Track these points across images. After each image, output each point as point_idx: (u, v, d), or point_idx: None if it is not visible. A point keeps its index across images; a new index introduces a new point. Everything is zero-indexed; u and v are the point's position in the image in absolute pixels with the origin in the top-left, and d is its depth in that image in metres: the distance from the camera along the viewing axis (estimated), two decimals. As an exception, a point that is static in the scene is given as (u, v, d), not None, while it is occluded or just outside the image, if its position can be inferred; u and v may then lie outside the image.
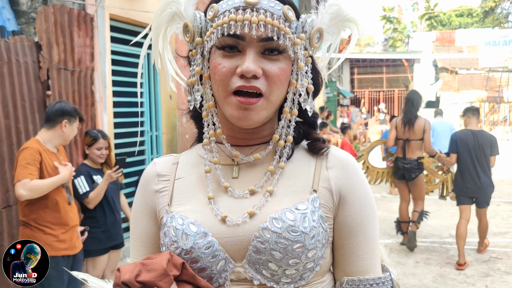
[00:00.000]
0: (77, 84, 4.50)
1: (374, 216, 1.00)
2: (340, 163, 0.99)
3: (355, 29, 1.00)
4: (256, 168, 1.00)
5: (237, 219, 0.92)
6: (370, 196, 1.00)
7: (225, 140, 0.99)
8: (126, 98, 5.41)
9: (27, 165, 2.90)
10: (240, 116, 0.91)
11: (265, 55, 0.91)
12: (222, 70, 0.91)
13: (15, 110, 3.86)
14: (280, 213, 0.90)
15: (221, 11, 0.92)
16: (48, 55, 4.19)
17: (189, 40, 0.97)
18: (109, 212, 3.71)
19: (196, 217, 0.94)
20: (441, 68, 20.82)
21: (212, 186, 0.98)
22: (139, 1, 5.32)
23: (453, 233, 6.31)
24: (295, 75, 0.95)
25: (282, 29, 0.90)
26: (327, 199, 0.95)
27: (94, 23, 4.68)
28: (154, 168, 1.07)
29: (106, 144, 3.70)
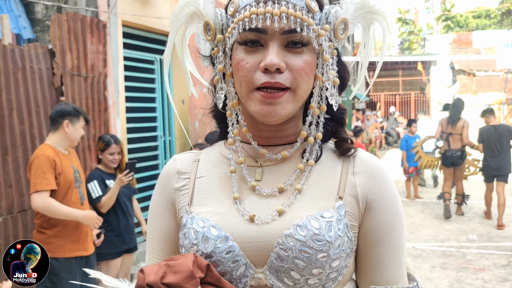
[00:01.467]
0: (90, 90, 4.56)
1: (402, 224, 0.96)
2: (367, 168, 0.95)
3: (384, 23, 0.95)
4: (281, 168, 0.96)
5: (266, 217, 0.89)
6: (398, 204, 0.96)
7: (252, 138, 0.96)
8: (139, 103, 5.46)
9: (43, 174, 2.94)
10: (264, 112, 0.88)
11: (289, 48, 0.88)
12: (246, 66, 0.88)
13: (30, 116, 3.92)
14: (305, 221, 0.87)
15: (241, 5, 0.90)
16: (61, 62, 4.25)
17: (211, 38, 0.95)
18: (122, 216, 3.74)
19: (218, 219, 0.91)
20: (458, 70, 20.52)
21: (238, 186, 0.95)
22: (152, 7, 5.37)
23: (471, 237, 6.22)
24: (321, 68, 0.92)
25: (305, 20, 0.87)
26: (353, 207, 0.92)
27: (107, 29, 4.73)
28: (174, 165, 1.04)
29: (118, 149, 3.74)
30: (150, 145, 5.66)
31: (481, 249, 5.81)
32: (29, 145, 3.89)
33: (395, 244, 0.94)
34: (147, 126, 5.63)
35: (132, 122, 5.31)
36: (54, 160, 3.01)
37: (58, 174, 3.03)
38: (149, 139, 5.67)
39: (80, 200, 3.22)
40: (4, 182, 3.69)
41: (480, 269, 5.11)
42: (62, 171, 3.06)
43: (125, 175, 3.54)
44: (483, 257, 5.52)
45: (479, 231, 6.61)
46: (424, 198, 8.98)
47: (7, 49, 3.76)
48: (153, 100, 5.69)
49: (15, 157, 3.78)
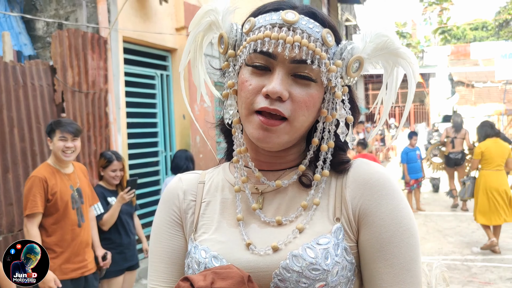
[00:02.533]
0: (91, 106, 4.55)
1: (404, 239, 0.85)
2: (360, 178, 0.89)
3: (409, 69, 0.91)
4: (282, 196, 0.93)
5: (260, 249, 0.87)
6: (400, 215, 0.86)
7: (249, 159, 0.94)
8: (140, 119, 5.45)
9: (32, 196, 2.93)
10: (260, 137, 0.86)
11: (297, 78, 0.86)
12: (249, 88, 0.87)
13: (31, 133, 3.91)
14: (301, 250, 0.83)
15: (257, 25, 0.88)
16: (62, 78, 4.25)
17: (223, 52, 0.93)
18: (124, 233, 3.71)
19: (220, 248, 0.89)
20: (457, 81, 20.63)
21: (241, 206, 0.93)
22: (152, 23, 5.39)
23: (475, 250, 6.17)
24: (328, 103, 0.89)
25: (317, 53, 0.84)
26: (348, 226, 0.87)
27: (108, 45, 4.74)
28: (180, 184, 1.02)
29: (120, 166, 3.72)
30: (151, 160, 5.64)
31: (486, 262, 5.75)
32: (30, 162, 3.86)
33: (392, 262, 0.85)
34: (148, 142, 5.61)
35: (133, 138, 5.29)
36: (46, 181, 2.97)
37: (51, 195, 3.00)
38: (150, 154, 5.64)
39: (78, 222, 3.15)
40: (5, 200, 3.66)
41: (485, 282, 5.05)
42: (56, 192, 3.01)
43: (126, 192, 3.51)
44: (488, 270, 5.47)
45: (483, 244, 6.56)
46: (427, 210, 8.94)
47: (8, 66, 3.76)
48: (154, 116, 5.68)
49: (16, 174, 3.75)
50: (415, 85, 0.93)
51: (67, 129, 3.06)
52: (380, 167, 0.92)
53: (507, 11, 25.70)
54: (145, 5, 5.28)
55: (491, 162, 6.09)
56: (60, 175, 3.08)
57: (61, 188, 3.05)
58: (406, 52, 0.91)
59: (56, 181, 3.03)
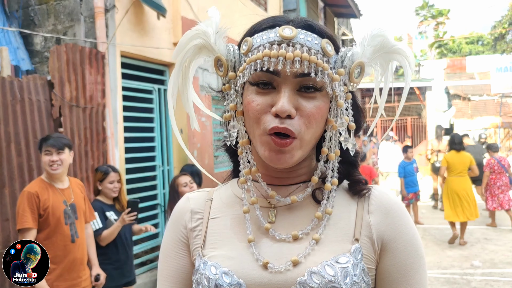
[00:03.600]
0: (89, 120, 4.55)
1: (421, 265, 0.91)
2: (383, 206, 0.92)
3: (405, 62, 0.94)
4: (295, 211, 0.93)
5: (279, 266, 0.86)
6: (417, 243, 0.92)
7: (261, 179, 0.94)
8: (138, 133, 5.44)
9: (23, 211, 2.93)
10: (273, 158, 0.86)
11: (301, 92, 0.86)
12: (256, 108, 0.87)
13: (28, 148, 3.89)
14: (320, 267, 0.84)
15: (255, 45, 0.88)
16: (60, 93, 4.25)
17: (223, 74, 0.93)
18: (121, 248, 3.68)
19: (230, 264, 0.88)
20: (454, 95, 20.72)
21: (251, 227, 0.92)
22: (150, 37, 5.41)
23: (476, 263, 6.14)
24: (334, 112, 0.90)
25: (320, 65, 0.85)
26: (369, 249, 0.89)
27: (106, 60, 4.75)
28: (188, 204, 1.02)
29: (117, 177, 3.72)
30: (148, 175, 5.61)
31: (485, 276, 5.72)
32: (26, 177, 3.84)
33: (414, 286, 0.90)
34: (145, 156, 5.59)
35: (131, 152, 5.28)
36: (38, 196, 2.96)
37: (42, 210, 2.98)
38: (147, 169, 5.62)
39: (71, 238, 3.12)
40: (1, 216, 3.63)
41: (485, 297, 5.01)
42: (48, 207, 3.00)
43: (127, 213, 3.50)
44: (488, 284, 5.43)
45: (482, 257, 6.53)
46: (425, 224, 8.91)
47: (5, 81, 3.76)
48: (152, 130, 5.67)
49: (12, 189, 3.73)
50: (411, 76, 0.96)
51: (51, 143, 3.09)
52: (396, 197, 0.97)
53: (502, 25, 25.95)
54: (143, 20, 5.31)
55: (454, 170, 7.41)
56: (53, 190, 3.07)
57: (53, 203, 3.03)
58: (402, 47, 0.93)
59: (49, 196, 3.01)
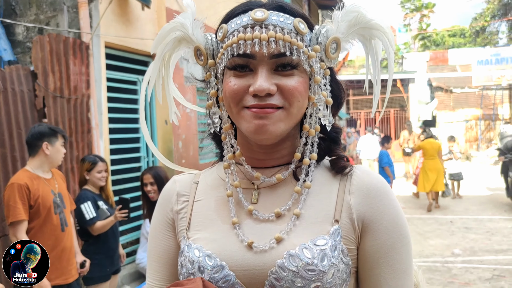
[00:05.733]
0: (73, 111, 4.52)
1: (404, 245, 0.91)
2: (365, 186, 0.92)
3: (384, 38, 0.93)
4: (277, 191, 0.94)
5: (264, 244, 0.87)
6: (400, 223, 0.92)
7: (245, 162, 0.95)
8: (122, 124, 5.42)
9: (14, 203, 2.89)
10: (256, 127, 0.86)
11: (279, 71, 0.87)
12: (234, 88, 0.88)
13: (11, 139, 3.86)
14: (298, 250, 0.85)
15: (230, 31, 0.89)
16: (44, 84, 4.21)
17: (203, 63, 0.95)
18: (112, 237, 3.71)
19: (214, 247, 0.90)
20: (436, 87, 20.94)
21: (235, 210, 0.93)
22: (134, 28, 5.38)
23: (456, 251, 6.28)
24: (313, 89, 0.91)
25: (294, 43, 0.86)
26: (349, 230, 0.89)
27: (90, 51, 4.72)
28: (174, 186, 1.04)
29: (105, 167, 3.73)
30: (133, 166, 5.61)
31: (465, 264, 5.87)
32: (10, 168, 3.81)
33: (396, 267, 0.90)
34: (130, 147, 5.58)
35: (116, 143, 5.26)
36: (27, 187, 2.94)
37: (33, 201, 2.97)
38: (132, 160, 5.61)
39: (61, 227, 3.12)
40: (-15, 207, 3.60)
41: (465, 283, 5.15)
42: (38, 197, 2.98)
43: (118, 210, 3.52)
44: (468, 271, 5.57)
45: (462, 245, 6.68)
46: (408, 214, 9.06)
47: (-12, 72, 3.72)
48: (136, 121, 5.65)
49: (-4, 180, 3.70)
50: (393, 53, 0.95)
51: (65, 136, 3.22)
52: (380, 177, 0.96)
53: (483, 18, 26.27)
54: (127, 10, 5.27)
55: (427, 154, 9.59)
56: (40, 180, 3.05)
57: (43, 193, 3.02)
58: (379, 23, 0.92)
59: (38, 187, 3.00)
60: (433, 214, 9.07)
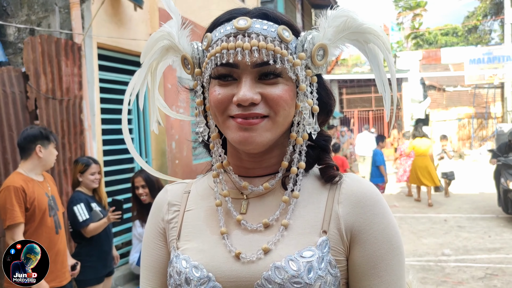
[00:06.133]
0: (66, 113, 4.49)
1: (395, 256, 0.88)
2: (354, 195, 0.90)
3: (379, 42, 0.91)
4: (266, 201, 0.93)
5: (251, 255, 0.86)
6: (391, 233, 0.89)
7: (232, 172, 0.94)
8: (115, 125, 5.40)
9: (11, 206, 2.87)
10: (241, 139, 0.85)
11: (262, 80, 0.86)
12: (218, 97, 0.87)
13: (3, 141, 3.83)
14: (284, 262, 0.83)
15: (214, 39, 0.89)
16: (35, 85, 4.18)
17: (190, 72, 0.94)
18: (105, 239, 3.69)
19: (201, 257, 0.89)
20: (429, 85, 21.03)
21: (224, 220, 0.92)
22: (127, 29, 5.36)
23: (446, 252, 6.32)
24: (300, 96, 0.89)
25: (277, 51, 0.84)
26: (337, 241, 0.87)
27: (82, 52, 4.69)
28: (165, 196, 1.04)
29: (98, 169, 3.71)
30: (126, 167, 5.59)
31: (458, 263, 5.90)
32: (2, 170, 3.79)
33: (386, 279, 0.88)
34: (123, 148, 5.55)
35: (108, 144, 5.24)
36: (23, 190, 2.92)
37: (29, 203, 2.95)
38: (125, 161, 5.60)
39: (55, 229, 3.12)
40: (-24, 210, 3.57)
41: (458, 282, 5.17)
42: (34, 199, 2.97)
43: (111, 212, 3.51)
44: (461, 270, 5.60)
45: (455, 244, 6.72)
46: (401, 213, 9.10)
47: (-21, 73, 3.69)
48: (129, 122, 5.63)
49: (-13, 183, 3.67)
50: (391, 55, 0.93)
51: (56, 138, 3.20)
52: (371, 185, 0.93)
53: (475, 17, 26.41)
54: (120, 11, 5.25)
55: (418, 152, 10.04)
56: (34, 183, 3.04)
57: (38, 196, 3.01)
58: (371, 26, 0.90)
59: (33, 189, 2.99)
60: (427, 213, 9.11)
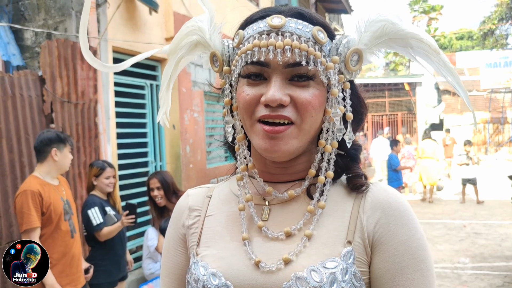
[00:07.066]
0: (81, 116, 4.52)
1: (418, 271, 0.82)
2: (379, 204, 0.86)
3: (424, 45, 0.87)
4: (289, 208, 0.89)
5: (271, 265, 0.83)
6: (414, 246, 0.84)
7: (257, 175, 0.91)
8: (130, 129, 5.41)
9: (28, 211, 2.88)
10: (267, 146, 0.83)
11: (294, 81, 0.83)
12: (246, 98, 0.84)
13: (19, 144, 3.86)
14: (306, 272, 0.80)
15: (246, 37, 0.86)
16: (51, 89, 4.21)
17: (218, 70, 0.92)
18: (119, 243, 3.70)
19: (220, 265, 0.86)
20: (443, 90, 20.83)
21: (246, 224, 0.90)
22: (142, 33, 5.38)
23: (463, 260, 6.21)
24: (330, 102, 0.86)
25: (311, 52, 0.81)
26: (361, 251, 0.84)
27: (97, 55, 4.71)
28: (186, 201, 1.02)
29: (113, 173, 3.72)
30: (141, 171, 5.59)
31: (475, 270, 5.79)
32: (18, 174, 3.81)
33: None
34: (138, 152, 5.57)
35: (123, 148, 5.25)
36: (40, 194, 2.93)
37: (45, 208, 2.96)
38: (140, 164, 5.60)
39: (71, 233, 3.12)
40: (-7, 212, 3.60)
41: (476, 290, 5.07)
42: (50, 204, 2.98)
43: (125, 216, 3.51)
44: (478, 278, 5.50)
45: (472, 251, 6.61)
46: (416, 218, 8.98)
47: (-4, 77, 3.72)
48: (144, 126, 5.65)
49: (3, 186, 3.70)
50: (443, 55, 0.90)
51: (72, 143, 3.22)
52: (397, 194, 0.89)
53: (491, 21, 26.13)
54: (135, 15, 5.27)
55: (424, 153, 11.01)
56: (50, 187, 3.05)
57: (54, 200, 3.01)
58: (412, 31, 0.86)
59: (50, 193, 3.00)
60: (442, 218, 8.99)
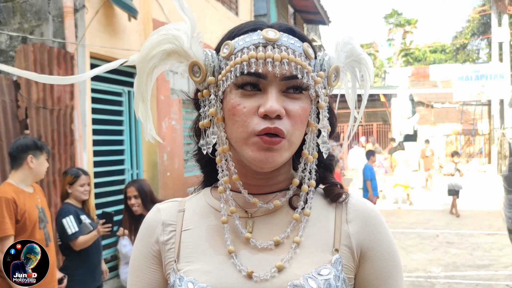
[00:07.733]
0: (56, 122, 4.44)
1: (398, 272, 0.92)
2: (361, 215, 0.92)
3: (366, 74, 0.99)
4: (272, 219, 0.91)
5: (265, 274, 0.84)
6: (394, 251, 0.93)
7: (242, 187, 0.91)
8: (106, 136, 5.35)
9: (3, 218, 2.80)
10: (262, 158, 0.84)
11: (288, 93, 0.86)
12: (243, 111, 0.84)
13: (-9, 150, 3.77)
14: (302, 280, 0.82)
15: (238, 48, 0.86)
16: (26, 94, 4.13)
17: (200, 80, 0.90)
18: (94, 252, 3.63)
19: (208, 279, 0.85)
20: (418, 102, 21.27)
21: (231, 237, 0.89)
22: (120, 39, 5.34)
23: (434, 270, 6.32)
24: (314, 114, 0.90)
25: (305, 67, 0.85)
26: (348, 259, 0.89)
27: (74, 61, 4.66)
28: (158, 215, 0.97)
29: (88, 180, 3.65)
30: (117, 178, 5.52)
31: (448, 279, 5.90)
32: (-10, 180, 3.71)
33: None
34: (114, 159, 5.50)
35: (99, 155, 5.18)
36: (14, 202, 2.85)
37: (20, 215, 2.88)
38: (116, 172, 5.53)
39: (45, 242, 3.04)
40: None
41: (448, 299, 5.16)
42: (25, 211, 2.90)
43: (101, 224, 3.45)
44: (450, 287, 5.61)
45: (445, 260, 6.73)
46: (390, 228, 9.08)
47: (-31, 81, 3.63)
48: (121, 133, 5.59)
49: (-26, 193, 3.59)
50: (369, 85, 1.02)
51: (49, 150, 3.16)
52: (372, 204, 0.97)
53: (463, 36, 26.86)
54: (113, 21, 5.23)
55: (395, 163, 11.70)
56: (25, 194, 2.98)
57: (29, 208, 2.94)
58: (366, 58, 0.98)
59: (24, 201, 2.92)
60: (416, 228, 9.13)
